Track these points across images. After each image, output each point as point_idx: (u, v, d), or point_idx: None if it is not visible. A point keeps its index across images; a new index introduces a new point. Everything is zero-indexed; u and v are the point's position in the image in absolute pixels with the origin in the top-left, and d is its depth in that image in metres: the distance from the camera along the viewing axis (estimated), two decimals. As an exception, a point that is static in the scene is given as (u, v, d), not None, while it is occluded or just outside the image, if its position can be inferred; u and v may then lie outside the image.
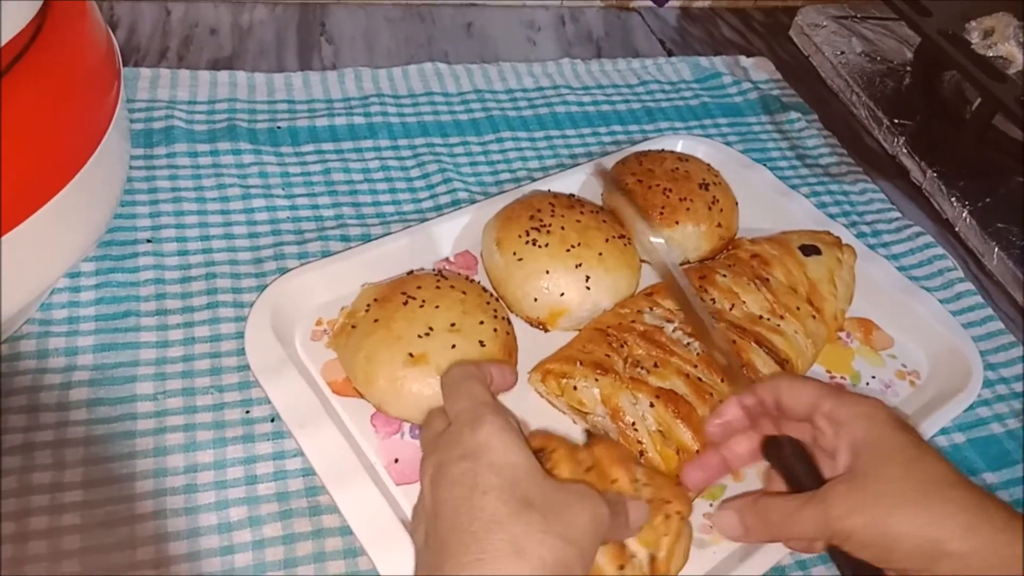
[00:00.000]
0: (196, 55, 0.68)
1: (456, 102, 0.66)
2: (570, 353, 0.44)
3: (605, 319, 0.47)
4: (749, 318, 0.47)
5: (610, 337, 0.45)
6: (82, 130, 0.40)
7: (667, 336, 0.45)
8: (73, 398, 0.42)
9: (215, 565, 0.37)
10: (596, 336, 0.45)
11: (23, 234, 0.36)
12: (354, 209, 0.56)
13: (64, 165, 0.38)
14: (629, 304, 0.47)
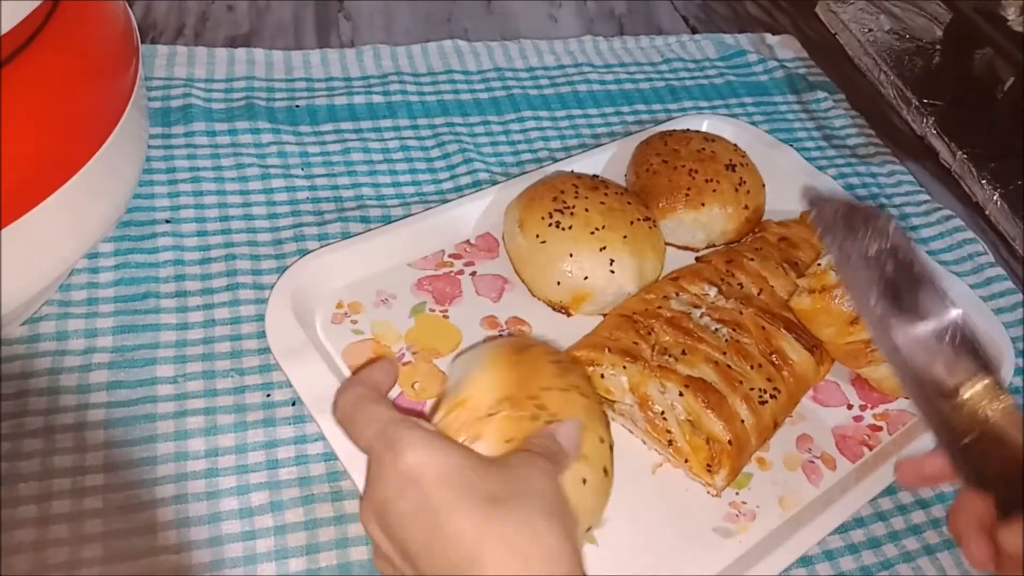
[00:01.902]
0: (213, 32, 0.67)
1: (476, 80, 0.65)
2: (597, 340, 0.43)
3: (630, 304, 0.46)
4: (778, 303, 0.46)
5: (636, 324, 0.44)
6: (101, 108, 0.39)
7: (694, 322, 0.44)
8: (93, 380, 0.42)
9: (236, 550, 0.37)
10: (622, 323, 0.44)
11: (42, 215, 0.36)
12: (374, 190, 0.55)
13: (83, 144, 0.38)
14: (655, 289, 0.47)
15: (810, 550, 0.40)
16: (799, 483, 0.43)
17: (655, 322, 0.44)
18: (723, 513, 0.41)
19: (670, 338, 0.43)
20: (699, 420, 0.40)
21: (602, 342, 0.43)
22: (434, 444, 0.30)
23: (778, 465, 0.43)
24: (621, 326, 0.44)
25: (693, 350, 0.42)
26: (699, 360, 0.42)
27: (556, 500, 0.30)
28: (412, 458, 0.29)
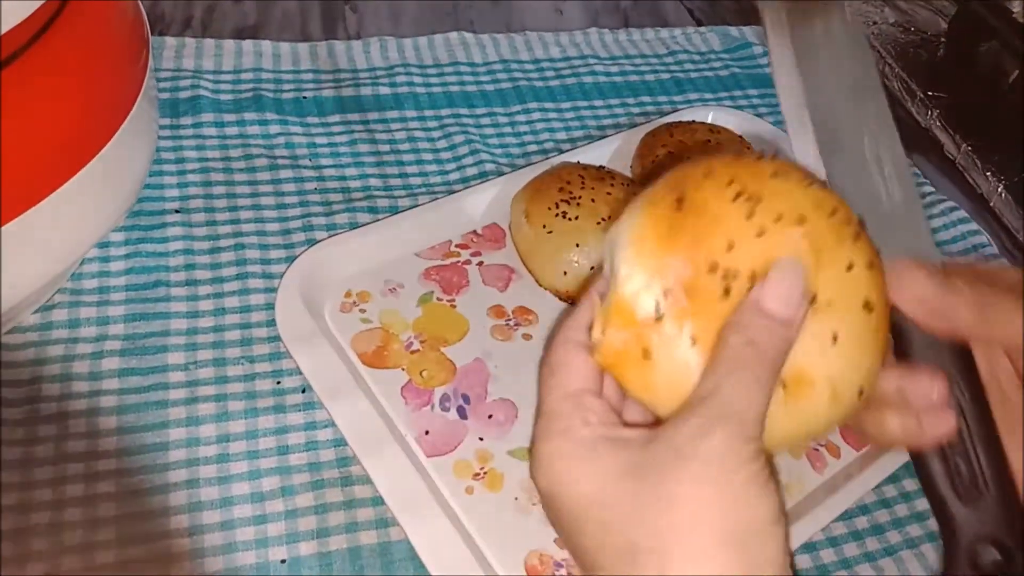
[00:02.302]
0: (220, 24, 0.68)
1: (482, 72, 0.66)
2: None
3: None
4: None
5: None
6: (113, 99, 0.39)
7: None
8: (105, 367, 0.42)
9: (248, 534, 0.37)
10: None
11: (54, 204, 0.36)
12: (381, 180, 0.55)
13: (95, 134, 0.38)
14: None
15: (814, 536, 0.41)
16: (803, 471, 0.43)
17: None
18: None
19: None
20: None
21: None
22: (560, 466, 0.27)
23: (783, 453, 0.44)
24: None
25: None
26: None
27: (732, 518, 0.24)
28: (541, 483, 0.28)
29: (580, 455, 0.27)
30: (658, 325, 0.27)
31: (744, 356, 0.26)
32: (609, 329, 0.28)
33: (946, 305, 0.29)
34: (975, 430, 0.30)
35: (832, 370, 0.27)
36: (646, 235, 0.28)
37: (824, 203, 0.28)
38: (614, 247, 0.29)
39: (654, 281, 0.27)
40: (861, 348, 0.28)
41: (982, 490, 0.30)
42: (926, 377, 0.30)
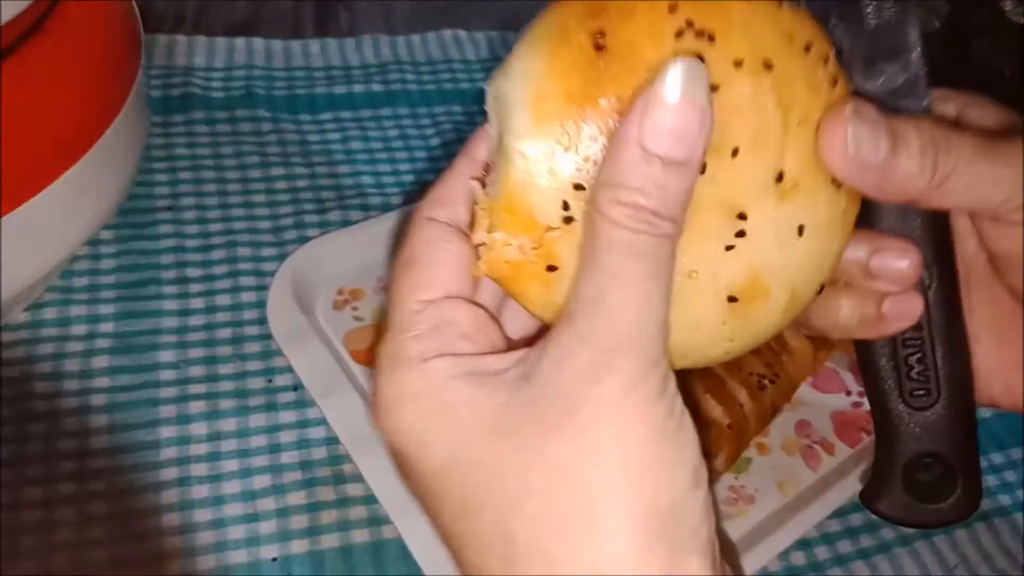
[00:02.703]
0: (212, 21, 0.67)
1: (476, 69, 0.65)
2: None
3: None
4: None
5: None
6: (103, 96, 0.39)
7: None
8: (96, 365, 0.42)
9: (239, 532, 0.37)
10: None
11: (45, 202, 0.36)
12: (374, 178, 0.55)
13: (87, 131, 0.38)
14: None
15: (808, 533, 0.41)
16: (798, 468, 0.43)
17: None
18: (722, 496, 0.41)
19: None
20: (698, 404, 0.41)
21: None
22: (404, 424, 0.21)
23: (777, 450, 0.44)
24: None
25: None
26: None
27: (637, 490, 0.19)
28: (386, 434, 0.22)
29: (431, 404, 0.21)
30: (567, 230, 0.21)
31: (630, 236, 0.19)
32: (498, 232, 0.21)
33: (888, 166, 0.23)
34: (938, 320, 0.26)
35: (792, 271, 0.22)
36: (549, 90, 0.20)
37: (796, 34, 0.22)
38: (504, 104, 0.21)
39: (561, 164, 0.20)
40: (829, 237, 0.23)
41: (933, 396, 0.26)
42: (896, 249, 0.25)
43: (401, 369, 0.21)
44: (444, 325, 0.22)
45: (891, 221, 0.26)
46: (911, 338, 0.26)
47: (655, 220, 0.19)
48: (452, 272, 0.22)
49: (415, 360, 0.21)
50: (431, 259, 0.22)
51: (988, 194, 0.24)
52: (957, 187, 0.23)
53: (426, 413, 0.21)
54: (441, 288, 0.22)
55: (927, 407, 0.26)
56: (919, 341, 0.26)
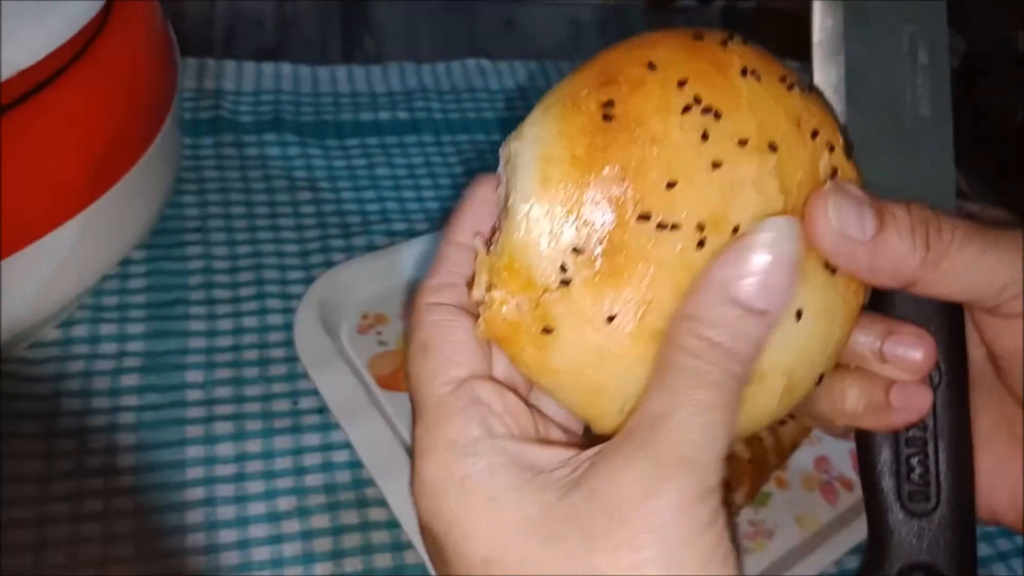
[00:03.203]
0: (240, 46, 0.69)
1: (499, 98, 0.66)
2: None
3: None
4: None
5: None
6: (143, 120, 0.40)
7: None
8: (124, 384, 0.42)
9: (264, 553, 0.37)
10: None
11: (82, 223, 0.37)
12: (398, 205, 0.56)
13: (125, 154, 0.39)
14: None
15: (826, 569, 0.41)
16: (816, 503, 0.43)
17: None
18: (742, 531, 0.41)
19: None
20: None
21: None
22: (446, 513, 0.21)
23: (796, 485, 0.44)
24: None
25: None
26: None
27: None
28: (424, 516, 0.22)
29: (478, 496, 0.20)
30: (564, 292, 0.21)
31: (704, 367, 0.20)
32: (497, 291, 0.21)
33: (878, 244, 0.22)
34: (943, 422, 0.25)
35: (790, 358, 0.22)
36: (556, 155, 0.21)
37: (804, 120, 0.22)
38: (513, 166, 0.22)
39: (562, 227, 0.21)
40: (828, 325, 0.22)
41: (932, 502, 0.25)
42: (912, 335, 0.24)
43: (444, 452, 0.21)
44: (478, 406, 0.21)
45: (905, 310, 0.25)
46: (914, 437, 0.25)
47: (726, 359, 0.20)
48: (469, 349, 0.22)
49: (457, 444, 0.21)
50: (446, 340, 0.22)
51: (986, 279, 0.23)
52: (953, 270, 0.23)
53: (472, 505, 0.20)
54: (464, 367, 0.22)
55: (925, 513, 0.25)
56: (922, 442, 0.25)
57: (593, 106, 0.21)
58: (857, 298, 0.24)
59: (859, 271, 0.23)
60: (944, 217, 0.23)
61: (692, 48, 0.22)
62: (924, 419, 0.25)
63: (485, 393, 0.22)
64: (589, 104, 0.21)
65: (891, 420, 0.24)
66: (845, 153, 0.23)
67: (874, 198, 0.23)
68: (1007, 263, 0.23)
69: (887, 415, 0.24)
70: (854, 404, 0.25)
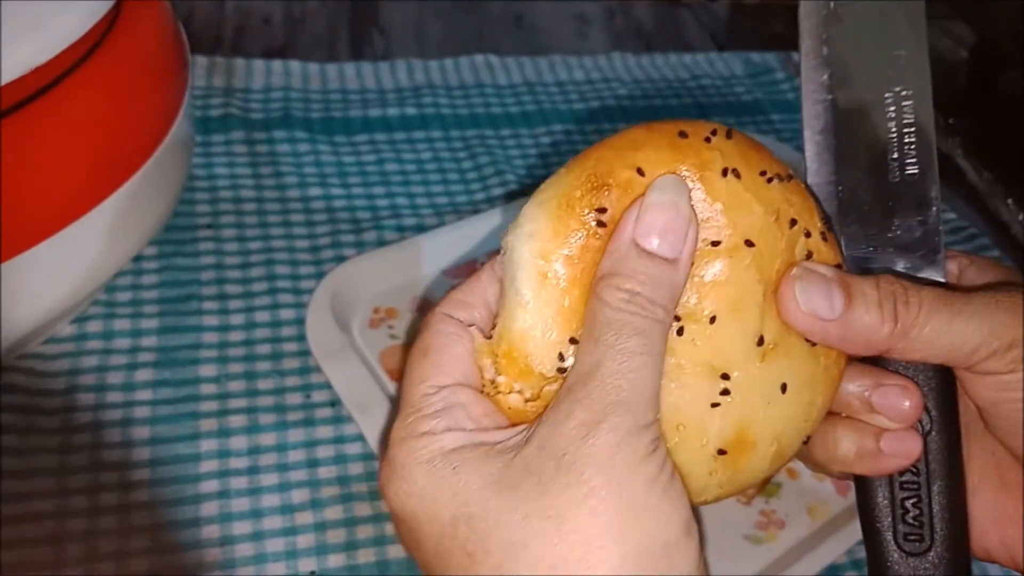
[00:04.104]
0: (250, 44, 0.69)
1: (507, 94, 0.67)
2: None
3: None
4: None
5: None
6: (155, 117, 0.41)
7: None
8: (139, 379, 0.43)
9: (278, 545, 0.38)
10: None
11: (95, 219, 0.37)
12: (408, 200, 0.56)
13: (138, 151, 0.39)
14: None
15: (838, 559, 0.41)
16: (827, 493, 0.43)
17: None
18: (753, 521, 0.42)
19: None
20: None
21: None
22: (414, 487, 0.22)
23: (807, 475, 0.44)
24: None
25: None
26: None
27: (633, 535, 0.21)
28: (393, 501, 0.23)
29: (442, 468, 0.22)
30: (562, 381, 0.23)
31: (626, 317, 0.22)
32: (502, 377, 0.23)
33: (848, 320, 0.24)
34: (936, 467, 0.26)
35: (779, 426, 0.24)
36: (551, 252, 0.23)
37: (784, 209, 0.24)
38: (510, 260, 0.23)
39: (558, 322, 0.23)
40: (811, 393, 0.25)
41: (926, 542, 0.26)
42: (899, 387, 0.26)
43: (414, 440, 0.23)
44: (454, 407, 0.23)
45: (895, 363, 0.26)
46: (908, 481, 0.26)
47: (648, 305, 0.22)
48: (464, 365, 0.24)
49: (427, 434, 0.23)
50: (446, 350, 0.24)
51: (956, 344, 0.25)
52: (922, 337, 0.24)
53: (437, 476, 0.22)
54: (453, 376, 0.24)
55: (921, 553, 0.26)
56: (916, 486, 0.26)
57: (586, 209, 0.23)
58: (838, 366, 0.26)
59: (832, 343, 0.25)
60: (912, 289, 0.25)
61: (676, 147, 0.24)
62: (917, 464, 0.26)
63: (465, 397, 0.24)
64: (582, 207, 0.23)
65: (883, 466, 0.26)
66: (822, 236, 0.25)
67: (843, 276, 0.25)
68: (974, 328, 0.25)
69: (879, 461, 0.26)
70: (846, 451, 0.26)
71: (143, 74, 0.40)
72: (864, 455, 0.26)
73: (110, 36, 0.38)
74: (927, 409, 0.26)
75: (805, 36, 0.27)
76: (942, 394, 0.26)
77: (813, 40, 0.27)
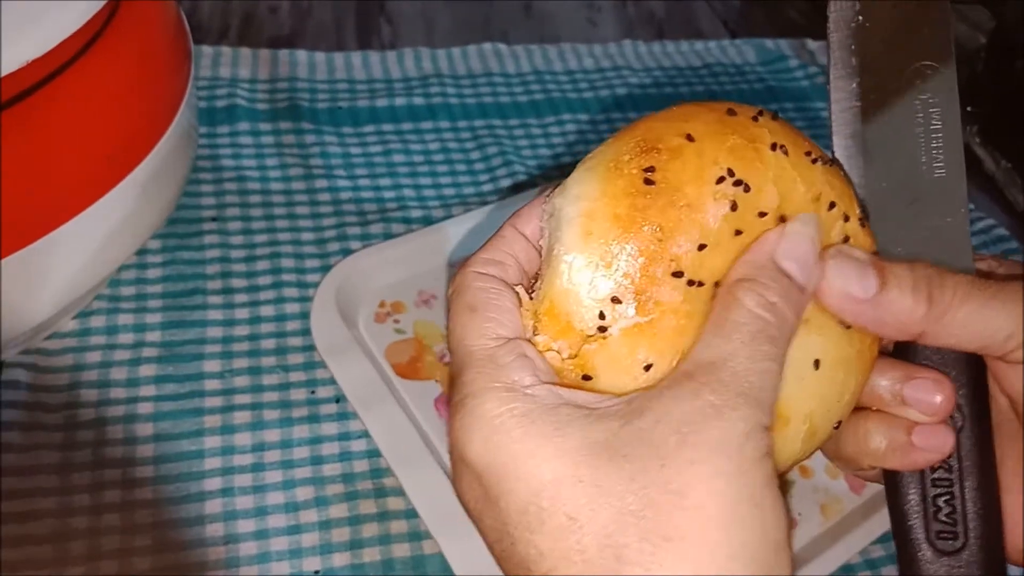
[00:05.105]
0: (256, 34, 0.68)
1: (516, 83, 0.66)
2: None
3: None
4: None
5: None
6: (157, 108, 0.40)
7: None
8: (142, 374, 0.42)
9: (282, 544, 0.37)
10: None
11: (99, 212, 0.37)
12: (415, 191, 0.55)
13: (140, 142, 0.39)
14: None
15: (852, 559, 0.40)
16: (841, 491, 0.43)
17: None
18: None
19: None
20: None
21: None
22: (508, 442, 0.21)
23: (820, 473, 0.43)
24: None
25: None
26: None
27: (748, 528, 0.20)
28: (475, 457, 0.21)
29: (541, 424, 0.21)
30: (602, 341, 0.22)
31: (763, 323, 0.22)
32: (540, 336, 0.23)
33: (882, 301, 0.24)
34: (968, 464, 0.26)
35: (811, 404, 0.24)
36: (599, 212, 0.23)
37: (825, 191, 0.25)
38: (557, 219, 0.23)
39: (601, 278, 0.22)
40: (844, 374, 0.25)
41: (960, 540, 0.25)
42: (931, 380, 0.26)
43: (503, 391, 0.21)
44: (526, 360, 0.22)
45: (927, 354, 0.26)
46: (940, 479, 0.26)
47: (783, 318, 0.22)
48: (514, 318, 0.23)
49: (515, 385, 0.22)
50: (493, 304, 0.23)
51: (990, 330, 0.24)
52: (956, 321, 0.24)
53: (538, 433, 0.21)
54: (510, 329, 0.23)
55: (953, 552, 0.25)
56: (948, 483, 0.26)
57: (635, 170, 0.23)
58: (871, 351, 0.26)
59: (866, 326, 0.25)
60: (946, 273, 0.25)
61: (726, 122, 0.24)
62: (949, 460, 0.26)
63: (530, 351, 0.23)
64: (631, 168, 0.23)
65: (914, 460, 0.26)
66: (860, 222, 0.25)
67: (877, 259, 0.25)
68: (1007, 315, 0.24)
69: (910, 455, 0.26)
70: (877, 445, 0.26)
71: (144, 64, 0.39)
72: (895, 448, 0.26)
73: (111, 26, 0.37)
74: (959, 405, 0.26)
75: (835, 47, 0.28)
76: (975, 390, 0.26)
77: (842, 51, 0.28)
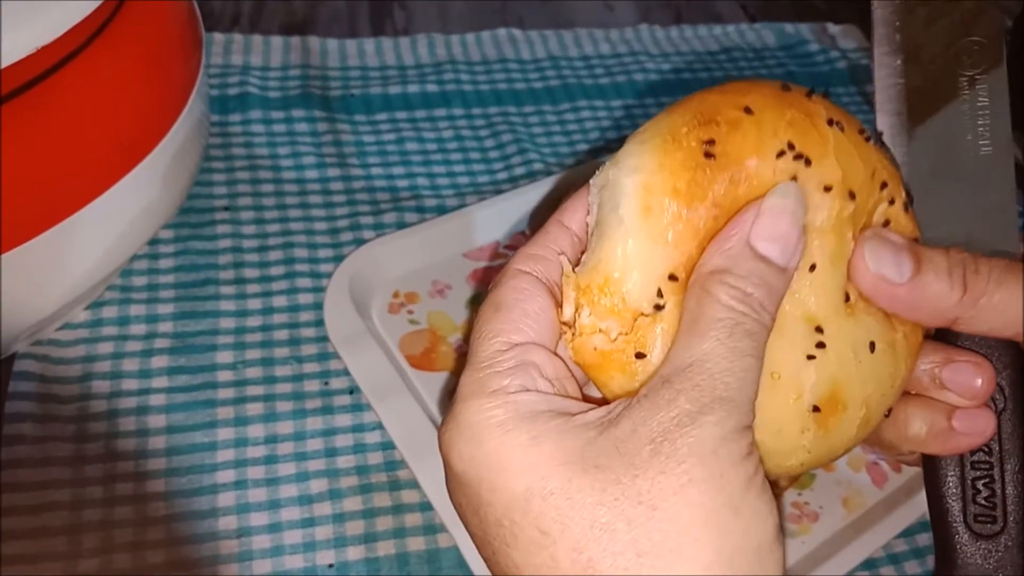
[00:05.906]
0: (268, 20, 0.68)
1: (531, 69, 0.65)
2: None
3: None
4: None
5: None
6: (167, 96, 0.39)
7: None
8: (155, 365, 0.42)
9: (296, 537, 0.37)
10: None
11: (110, 201, 0.36)
12: (428, 180, 0.55)
13: (151, 130, 0.38)
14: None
15: (875, 553, 0.39)
16: (863, 485, 0.42)
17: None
18: (786, 513, 0.40)
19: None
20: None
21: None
22: (484, 451, 0.21)
23: (842, 466, 0.42)
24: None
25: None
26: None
27: (728, 534, 0.19)
28: (455, 462, 0.21)
29: (516, 433, 0.20)
30: (658, 318, 0.22)
31: (738, 317, 0.21)
32: (587, 315, 0.22)
33: (917, 285, 0.24)
34: (1009, 447, 0.25)
35: (868, 388, 0.24)
36: (658, 186, 0.22)
37: (878, 170, 0.24)
38: (612, 192, 0.22)
39: (660, 254, 0.22)
40: (895, 358, 0.24)
41: (998, 524, 0.25)
42: (971, 363, 0.25)
43: (486, 398, 0.21)
44: (527, 366, 0.22)
45: (967, 339, 0.26)
46: (980, 461, 0.26)
47: (760, 309, 0.21)
48: (539, 322, 0.23)
49: (500, 392, 0.21)
50: (520, 307, 0.23)
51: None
52: (991, 306, 0.24)
53: (513, 442, 0.21)
54: (527, 335, 0.23)
55: (992, 535, 0.25)
56: (988, 466, 0.25)
57: (694, 143, 0.22)
58: (916, 335, 0.25)
59: (900, 310, 0.25)
60: (981, 259, 0.25)
61: (782, 97, 0.24)
62: (989, 443, 0.25)
63: (538, 356, 0.22)
64: (690, 140, 0.22)
65: (955, 444, 0.26)
66: (904, 207, 0.25)
67: (913, 244, 0.25)
68: None
69: (951, 440, 0.26)
70: (918, 430, 0.26)
71: (155, 52, 0.38)
72: (936, 433, 0.26)
73: (121, 13, 0.36)
74: (1000, 386, 0.26)
75: (878, 24, 0.28)
76: (1015, 372, 0.26)
77: (886, 27, 0.28)
